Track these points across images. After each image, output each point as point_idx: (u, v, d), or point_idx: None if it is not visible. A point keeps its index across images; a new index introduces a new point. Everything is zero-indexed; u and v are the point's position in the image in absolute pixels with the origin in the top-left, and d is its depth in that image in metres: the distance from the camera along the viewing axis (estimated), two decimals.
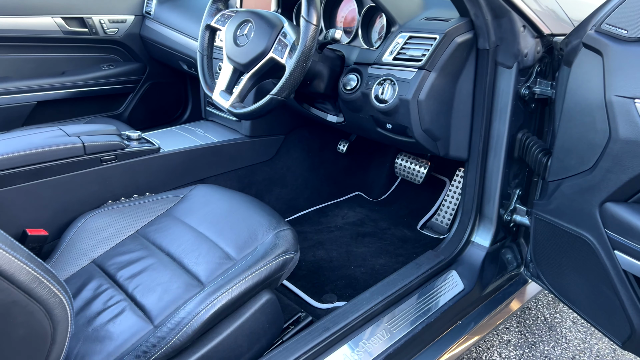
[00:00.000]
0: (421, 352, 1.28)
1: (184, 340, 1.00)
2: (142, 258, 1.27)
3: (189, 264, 1.22)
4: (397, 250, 1.76)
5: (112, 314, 1.13)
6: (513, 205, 1.50)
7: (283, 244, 1.22)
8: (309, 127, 1.98)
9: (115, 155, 1.49)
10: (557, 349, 1.77)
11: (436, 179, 2.06)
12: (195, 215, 1.38)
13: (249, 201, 1.40)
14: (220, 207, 1.38)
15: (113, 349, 1.05)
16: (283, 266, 1.19)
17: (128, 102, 2.52)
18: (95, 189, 1.46)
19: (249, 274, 1.12)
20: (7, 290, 0.69)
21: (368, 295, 1.27)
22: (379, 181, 2.20)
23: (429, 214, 1.98)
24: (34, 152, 1.33)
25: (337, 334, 1.16)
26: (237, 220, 1.31)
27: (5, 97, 2.15)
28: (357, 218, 1.98)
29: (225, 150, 1.75)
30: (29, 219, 1.35)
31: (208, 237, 1.30)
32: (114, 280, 1.23)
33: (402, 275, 1.35)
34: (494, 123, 1.36)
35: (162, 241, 1.33)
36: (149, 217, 1.43)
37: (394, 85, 1.29)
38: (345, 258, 1.71)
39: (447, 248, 1.48)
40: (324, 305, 1.47)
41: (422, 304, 1.30)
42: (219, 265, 1.20)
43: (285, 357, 1.09)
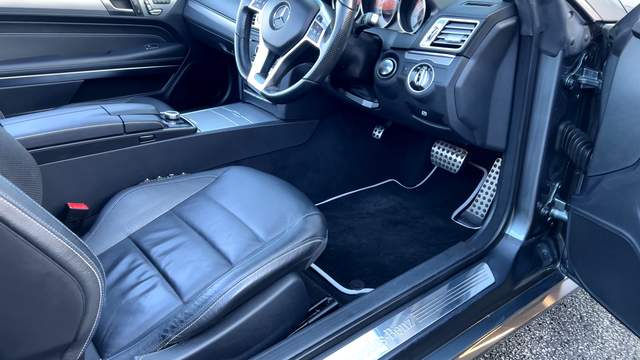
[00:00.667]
0: (447, 343, 1.27)
1: (210, 317, 1.02)
2: (175, 236, 1.31)
3: (219, 244, 1.25)
4: (429, 240, 1.74)
5: (144, 288, 1.18)
6: (551, 199, 1.45)
7: (311, 229, 1.22)
8: (344, 111, 1.97)
9: (153, 135, 1.53)
10: (591, 348, 1.72)
11: (473, 168, 2.01)
12: (227, 196, 1.41)
13: (280, 184, 1.41)
14: (252, 189, 1.40)
15: (144, 322, 1.09)
16: (310, 250, 1.19)
17: (170, 82, 2.58)
18: (133, 166, 1.51)
19: (276, 256, 1.13)
20: (43, 262, 0.73)
21: (395, 283, 1.26)
22: (414, 169, 2.17)
23: (464, 204, 1.94)
24: (76, 130, 1.38)
25: (362, 320, 1.16)
26: (267, 203, 1.33)
27: (55, 74, 2.23)
28: (389, 205, 1.97)
29: (260, 133, 1.76)
30: (71, 193, 1.41)
31: (239, 218, 1.32)
32: (148, 255, 1.27)
33: (431, 266, 1.33)
34: (535, 113, 1.31)
35: (195, 220, 1.36)
36: (184, 196, 1.47)
37: (431, 72, 1.26)
38: (375, 245, 1.70)
39: (480, 240, 1.45)
40: (351, 291, 1.48)
41: (451, 295, 1.29)
42: (248, 246, 1.22)
43: (309, 339, 1.10)
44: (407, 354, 1.16)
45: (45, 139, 1.33)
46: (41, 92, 2.21)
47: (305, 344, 1.09)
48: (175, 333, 1.02)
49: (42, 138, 1.32)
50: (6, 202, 0.68)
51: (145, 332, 1.07)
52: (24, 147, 1.25)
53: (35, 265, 0.73)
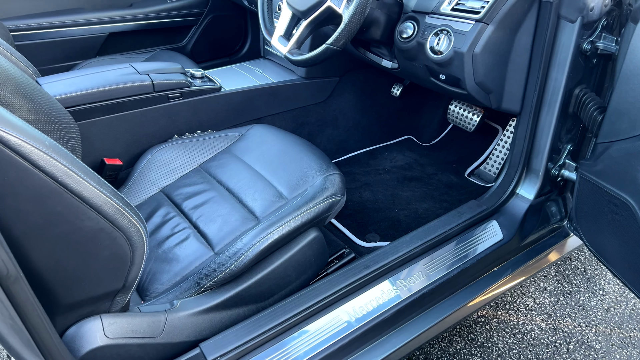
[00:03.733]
0: (455, 294, 1.37)
1: (240, 267, 1.12)
2: (205, 191, 1.40)
3: (246, 200, 1.33)
4: (442, 196, 1.81)
5: (178, 239, 1.28)
6: (562, 160, 1.50)
7: (331, 187, 1.30)
8: (364, 70, 2.00)
9: (180, 93, 1.59)
10: (592, 299, 1.81)
11: (489, 126, 2.04)
12: (252, 154, 1.48)
13: (301, 144, 1.48)
14: (275, 147, 1.47)
15: (179, 270, 1.20)
16: (330, 208, 1.27)
17: (191, 35, 2.60)
18: (162, 123, 1.58)
19: (299, 213, 1.21)
20: (96, 219, 0.82)
21: (408, 238, 1.35)
22: (430, 126, 2.21)
23: (478, 161, 1.99)
24: (110, 89, 1.45)
25: (377, 271, 1.25)
26: (290, 161, 1.40)
27: (81, 28, 2.27)
28: (405, 162, 2.03)
29: (281, 91, 1.81)
30: (106, 149, 1.49)
31: (263, 175, 1.40)
32: (180, 209, 1.36)
33: (443, 222, 1.41)
34: (551, 77, 1.34)
35: (222, 176, 1.44)
36: (211, 152, 1.55)
37: (450, 37, 1.28)
38: (390, 201, 1.78)
39: (490, 199, 1.51)
40: (367, 244, 1.57)
41: (460, 250, 1.37)
42: (272, 202, 1.31)
43: (328, 288, 1.20)
44: (418, 302, 1.26)
45: (82, 98, 1.40)
46: (69, 45, 2.26)
47: (325, 292, 1.19)
48: (209, 281, 1.12)
49: (79, 97, 1.39)
50: (64, 167, 0.76)
51: (181, 279, 1.18)
52: (62, 106, 1.32)
53: (89, 222, 0.82)
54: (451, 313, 1.32)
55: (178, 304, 1.10)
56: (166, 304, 1.10)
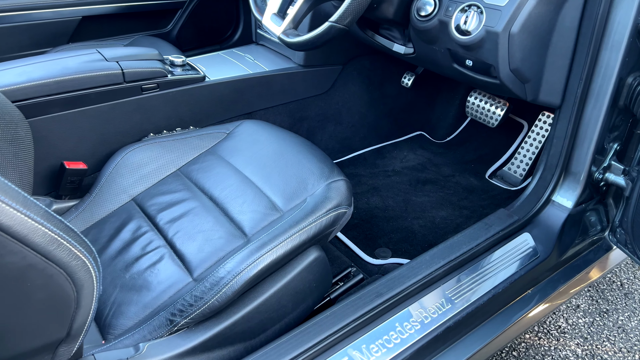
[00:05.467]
0: (483, 324, 1.16)
1: (222, 301, 0.92)
2: (184, 200, 1.19)
3: (233, 212, 1.13)
4: (461, 202, 1.60)
5: (150, 260, 1.08)
6: (608, 161, 1.29)
7: (335, 197, 1.09)
8: (371, 56, 1.78)
9: (157, 84, 1.37)
10: (633, 319, 1.61)
11: (513, 121, 1.83)
12: (241, 155, 1.27)
13: (299, 143, 1.27)
14: (269, 148, 1.26)
15: (150, 300, 1.00)
16: (334, 222, 1.07)
17: (176, 19, 2.37)
18: (136, 120, 1.37)
19: (297, 230, 1.01)
20: (22, 253, 0.61)
21: (428, 257, 1.14)
22: (445, 120, 1.99)
23: (500, 160, 1.78)
24: (70, 79, 1.23)
25: (392, 300, 1.05)
26: (286, 165, 1.19)
27: (50, 10, 2.05)
28: (417, 162, 1.81)
29: (276, 81, 1.59)
30: (67, 150, 1.28)
31: (254, 182, 1.19)
32: (154, 222, 1.16)
33: (468, 237, 1.20)
34: (601, 63, 1.13)
35: (205, 182, 1.23)
36: (192, 154, 1.34)
37: (481, 14, 1.06)
38: (402, 208, 1.57)
39: (523, 207, 1.30)
40: (377, 261, 1.36)
41: (490, 271, 1.16)
42: (265, 215, 1.10)
43: (333, 323, 1.00)
44: (442, 338, 1.06)
45: (35, 90, 1.19)
46: (36, 30, 2.03)
47: (329, 328, 0.99)
48: (184, 317, 0.92)
49: (30, 89, 1.18)
50: None
51: (151, 313, 0.98)
52: (8, 99, 1.11)
53: (12, 258, 0.61)
54: (481, 348, 1.11)
55: (144, 348, 0.89)
56: (130, 349, 0.90)
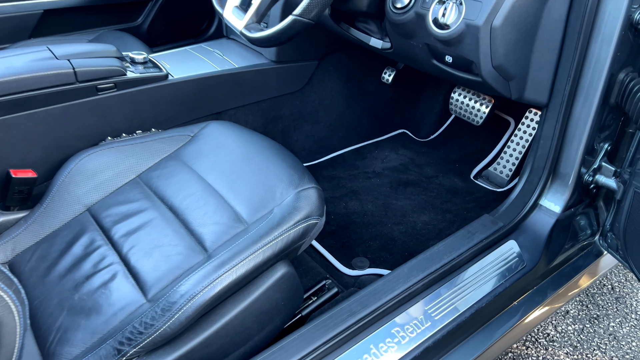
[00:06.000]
0: (467, 340, 1.09)
1: (175, 328, 0.84)
2: (142, 211, 1.11)
3: (194, 224, 1.05)
4: (445, 205, 1.52)
5: (102, 279, 0.99)
6: (598, 162, 1.22)
7: (305, 207, 1.01)
8: (348, 51, 1.69)
9: (114, 84, 1.28)
10: (624, 325, 1.55)
11: (499, 118, 1.75)
12: (205, 160, 1.18)
13: (269, 147, 1.18)
14: (235, 153, 1.17)
15: (99, 325, 0.92)
16: (304, 234, 0.99)
17: (147, 12, 2.26)
18: (91, 123, 1.27)
19: (262, 245, 0.93)
20: None
21: (406, 270, 1.07)
22: (428, 118, 1.91)
23: (485, 160, 1.71)
24: (14, 79, 1.13)
25: (367, 319, 0.97)
26: (252, 172, 1.11)
27: (9, 4, 1.93)
28: (399, 162, 1.73)
29: (246, 78, 1.50)
30: (14, 157, 1.18)
31: (217, 190, 1.10)
32: (108, 236, 1.07)
33: (450, 247, 1.13)
34: (591, 58, 1.06)
35: (166, 190, 1.15)
36: (153, 159, 1.25)
37: (461, 6, 0.98)
38: (382, 212, 1.49)
39: (508, 212, 1.23)
40: (354, 272, 1.28)
41: (472, 285, 1.09)
42: (228, 228, 1.02)
43: (302, 346, 0.92)
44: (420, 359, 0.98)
45: None
46: None
47: (298, 352, 0.91)
48: (134, 347, 0.84)
49: None
50: None
51: (100, 340, 0.90)
52: None
53: None
54: None
55: None
56: None
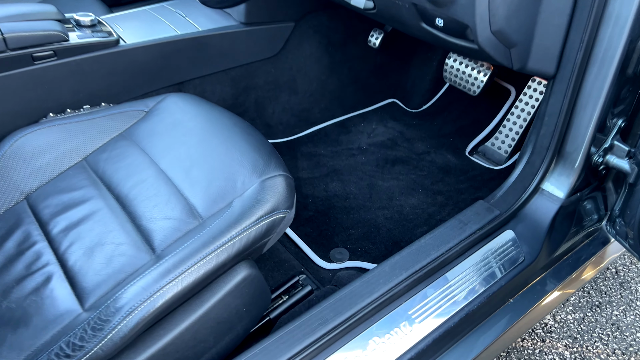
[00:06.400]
0: (455, 345, 0.97)
1: (108, 350, 0.72)
2: (86, 201, 0.98)
3: (142, 217, 0.92)
4: (436, 186, 1.39)
5: (34, 283, 0.87)
6: (610, 141, 1.08)
7: (269, 199, 0.88)
8: (329, 10, 1.51)
9: (53, 51, 1.12)
10: (629, 314, 1.44)
11: (498, 86, 1.59)
12: (159, 141, 1.04)
13: (232, 126, 1.04)
14: (192, 133, 1.03)
15: (26, 341, 0.81)
16: (268, 232, 0.86)
17: None
18: (29, 97, 1.12)
19: (216, 247, 0.80)
20: None
21: (388, 269, 0.94)
22: (420, 86, 1.75)
23: (482, 134, 1.56)
24: None
25: (339, 328, 0.85)
26: (211, 156, 0.97)
27: None
28: (387, 136, 1.58)
29: (213, 43, 1.33)
30: None
31: (171, 178, 0.96)
32: (46, 230, 0.94)
33: (439, 239, 1.00)
34: (608, 19, 0.90)
35: (114, 176, 1.01)
36: (102, 138, 1.11)
37: None
38: (367, 195, 1.35)
39: (506, 198, 1.10)
40: (331, 265, 1.15)
41: (462, 284, 0.97)
42: (180, 224, 0.89)
43: None
44: None
45: None
46: None
47: None
48: None
49: None
50: None
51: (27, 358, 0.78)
52: None
53: None
54: None
55: None
56: None
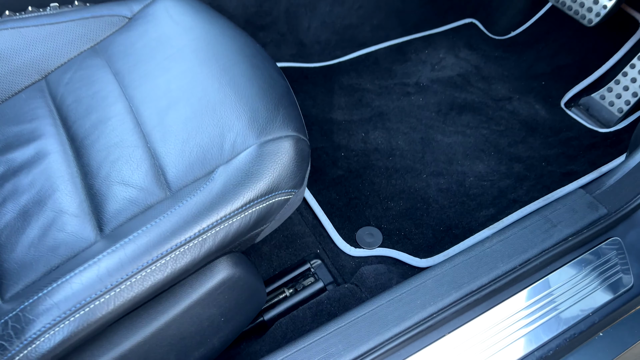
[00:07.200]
0: None
1: None
2: (36, 138, 0.81)
3: (96, 175, 0.71)
4: (514, 148, 1.05)
5: None
6: None
7: (267, 173, 0.63)
8: None
9: None
10: None
11: (624, 15, 1.17)
12: (136, 64, 0.79)
13: (237, 49, 0.77)
14: (181, 55, 0.77)
15: None
16: (261, 220, 0.63)
17: None
18: None
19: (186, 239, 0.60)
20: None
21: (431, 284, 0.68)
22: (511, 3, 1.33)
23: (589, 79, 1.17)
24: None
25: None
26: (197, 95, 0.71)
27: None
28: (458, 71, 1.22)
29: None
30: None
31: (140, 123, 0.70)
32: None
33: (512, 246, 0.72)
34: None
35: (73, 109, 0.79)
36: (69, 51, 0.89)
37: None
38: (418, 153, 1.04)
39: (618, 191, 0.79)
40: (356, 252, 0.88)
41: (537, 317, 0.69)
42: (139, 194, 0.68)
43: None
44: None
45: None
46: None
47: None
48: None
49: None
50: None
51: None
52: None
53: None
54: None
55: None
56: None
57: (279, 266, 0.86)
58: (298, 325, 0.76)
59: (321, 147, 1.05)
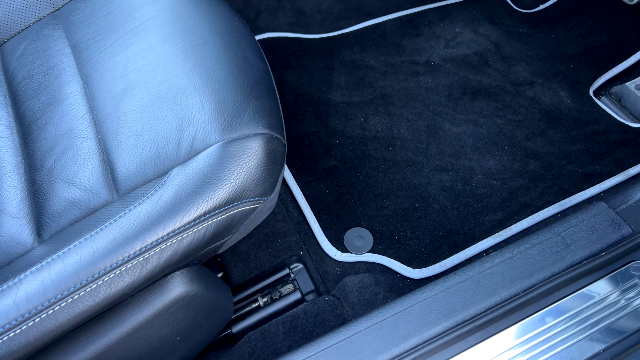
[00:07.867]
0: None
1: None
2: None
3: (40, 167, 0.63)
4: (532, 142, 0.94)
5: None
6: None
7: (229, 179, 0.56)
8: None
9: None
10: None
11: None
12: (97, 37, 0.69)
13: (212, 22, 0.67)
14: (145, 28, 0.68)
15: None
16: (220, 233, 0.56)
17: None
18: None
19: (134, 254, 0.50)
20: None
21: (418, 309, 0.60)
22: None
23: (624, 64, 1.04)
24: None
25: None
26: (157, 78, 0.63)
27: None
28: (475, 49, 1.09)
29: None
30: None
31: (93, 109, 0.61)
32: None
33: (516, 268, 0.63)
34: None
35: (24, 86, 0.69)
36: (27, 16, 0.77)
37: None
38: (422, 143, 0.93)
39: None
40: (343, 256, 0.80)
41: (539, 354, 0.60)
42: (83, 195, 0.60)
43: None
44: None
45: None
46: None
47: None
48: None
49: None
50: None
51: None
52: None
53: None
54: None
55: None
56: None
57: (256, 268, 0.79)
58: (268, 342, 0.69)
59: (314, 132, 0.95)
